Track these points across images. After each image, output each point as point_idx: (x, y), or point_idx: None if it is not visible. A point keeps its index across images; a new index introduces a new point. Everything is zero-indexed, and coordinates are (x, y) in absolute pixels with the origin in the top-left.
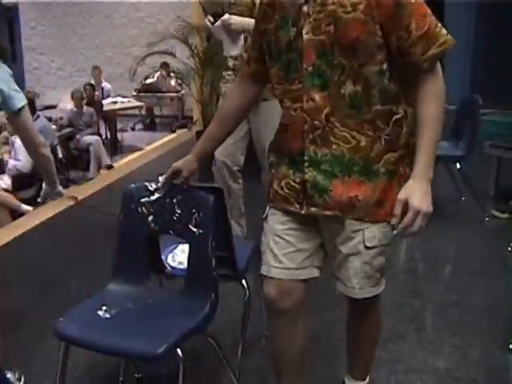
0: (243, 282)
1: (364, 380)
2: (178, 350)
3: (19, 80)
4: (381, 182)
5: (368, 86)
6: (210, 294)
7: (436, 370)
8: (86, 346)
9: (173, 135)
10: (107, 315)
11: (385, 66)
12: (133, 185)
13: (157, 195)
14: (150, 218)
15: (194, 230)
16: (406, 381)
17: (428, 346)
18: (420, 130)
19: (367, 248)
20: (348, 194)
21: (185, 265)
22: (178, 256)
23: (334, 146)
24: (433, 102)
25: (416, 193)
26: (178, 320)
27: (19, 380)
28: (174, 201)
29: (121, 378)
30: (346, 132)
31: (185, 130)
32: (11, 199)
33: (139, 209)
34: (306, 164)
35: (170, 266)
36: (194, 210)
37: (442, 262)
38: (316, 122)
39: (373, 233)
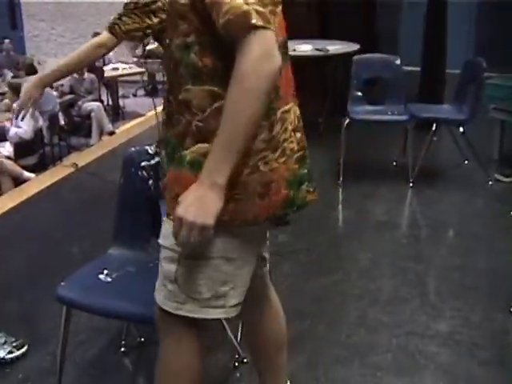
0: None
1: None
2: None
3: (20, 48)
4: (184, 173)
5: (175, 62)
6: None
7: (438, 334)
8: (87, 309)
9: None
10: (108, 279)
11: (190, 39)
12: (133, 148)
13: (157, 159)
14: (150, 181)
15: None
16: (407, 344)
17: (430, 309)
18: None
19: (159, 245)
20: (165, 180)
21: None
22: None
23: (170, 128)
24: (233, 86)
25: (187, 199)
26: None
27: (21, 347)
28: None
29: (123, 342)
30: (176, 113)
31: None
32: (13, 167)
33: (139, 172)
34: (161, 146)
35: None
36: None
37: (444, 227)
38: (165, 101)
39: (167, 230)
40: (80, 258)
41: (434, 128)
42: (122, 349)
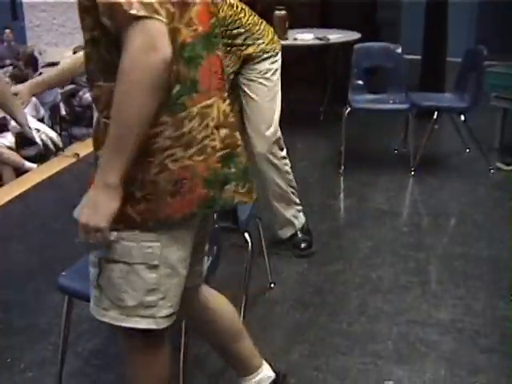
0: (245, 234)
1: None
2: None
3: (21, 38)
4: (94, 174)
5: (86, 57)
6: (212, 246)
7: (439, 322)
8: (88, 298)
9: None
10: None
11: (96, 33)
12: None
13: None
14: None
15: None
16: (408, 332)
17: (431, 298)
18: None
19: None
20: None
21: None
22: None
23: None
24: (117, 81)
25: (84, 201)
26: None
27: None
28: None
29: None
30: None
31: None
32: (15, 157)
33: None
34: None
35: None
36: None
37: (446, 215)
38: None
39: None
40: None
41: (435, 116)
42: None
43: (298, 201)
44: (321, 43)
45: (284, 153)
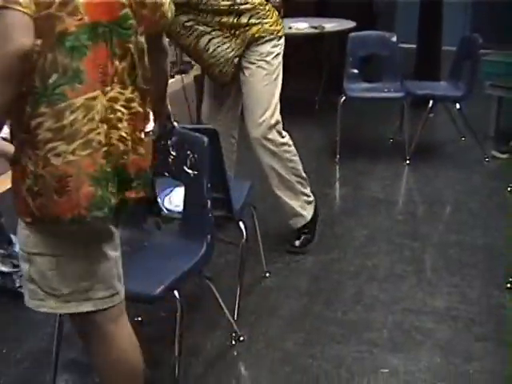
0: (240, 223)
1: None
2: (175, 292)
3: None
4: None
5: None
6: (206, 235)
7: (434, 310)
8: None
9: (172, 80)
10: None
11: None
12: None
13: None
14: None
15: (189, 171)
16: (403, 321)
17: (426, 286)
18: None
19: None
20: None
21: (181, 207)
22: (174, 199)
23: None
24: None
25: None
26: (175, 262)
27: None
28: (169, 143)
29: None
30: None
31: (183, 75)
32: (10, 148)
33: None
34: None
35: (166, 208)
36: (188, 152)
37: (441, 203)
38: None
39: (19, 231)
40: None
41: (430, 105)
42: None
43: (306, 191)
44: (316, 32)
45: (285, 140)
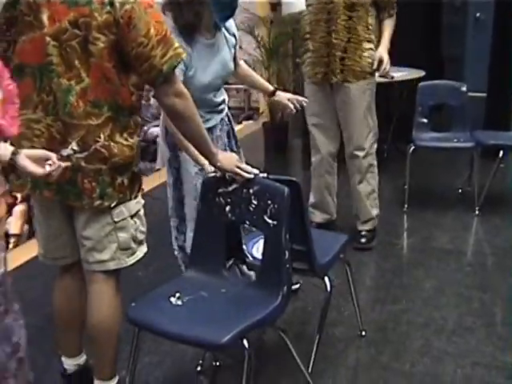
0: (325, 279)
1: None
2: (244, 341)
3: None
4: None
5: None
6: (283, 286)
7: (505, 365)
8: (155, 331)
9: (239, 126)
10: (179, 302)
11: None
12: (211, 174)
13: (234, 185)
14: (228, 208)
15: (269, 221)
16: (473, 375)
17: (496, 340)
18: None
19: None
20: None
21: None
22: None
23: None
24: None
25: None
26: (248, 310)
27: None
28: (251, 191)
29: (199, 368)
30: None
31: (251, 121)
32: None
33: (217, 199)
34: None
35: (251, 255)
36: (269, 202)
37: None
38: None
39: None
40: (145, 282)
41: (500, 155)
42: (198, 368)
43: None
44: (385, 81)
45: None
